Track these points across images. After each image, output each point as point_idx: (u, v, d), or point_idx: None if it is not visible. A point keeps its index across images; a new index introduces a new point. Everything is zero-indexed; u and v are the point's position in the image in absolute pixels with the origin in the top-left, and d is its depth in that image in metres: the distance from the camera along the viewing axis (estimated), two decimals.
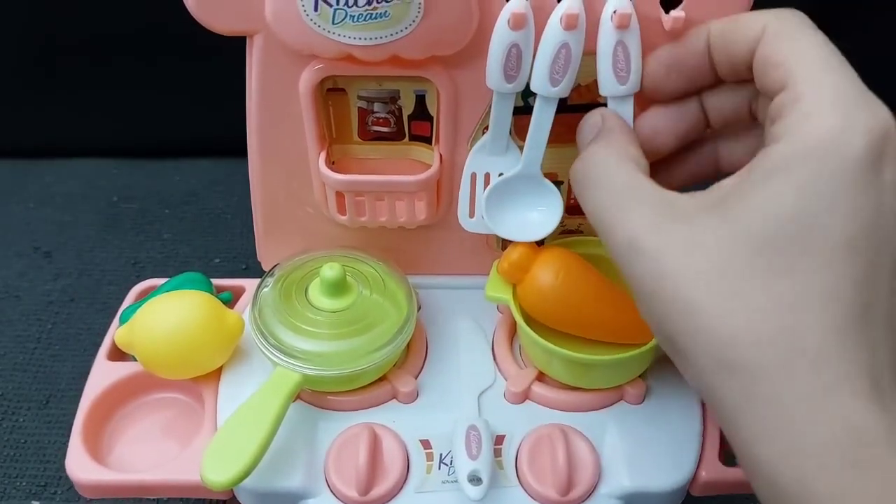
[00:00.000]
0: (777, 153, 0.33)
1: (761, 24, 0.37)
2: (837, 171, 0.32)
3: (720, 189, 0.36)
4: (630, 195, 0.37)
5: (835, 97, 0.33)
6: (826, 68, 0.34)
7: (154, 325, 0.48)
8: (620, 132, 0.42)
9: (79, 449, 0.48)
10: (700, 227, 0.34)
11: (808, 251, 0.32)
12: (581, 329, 0.49)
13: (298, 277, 0.51)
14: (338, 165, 0.52)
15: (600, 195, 0.38)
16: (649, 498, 0.47)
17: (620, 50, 0.44)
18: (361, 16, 0.43)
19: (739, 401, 0.32)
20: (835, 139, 0.32)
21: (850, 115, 0.33)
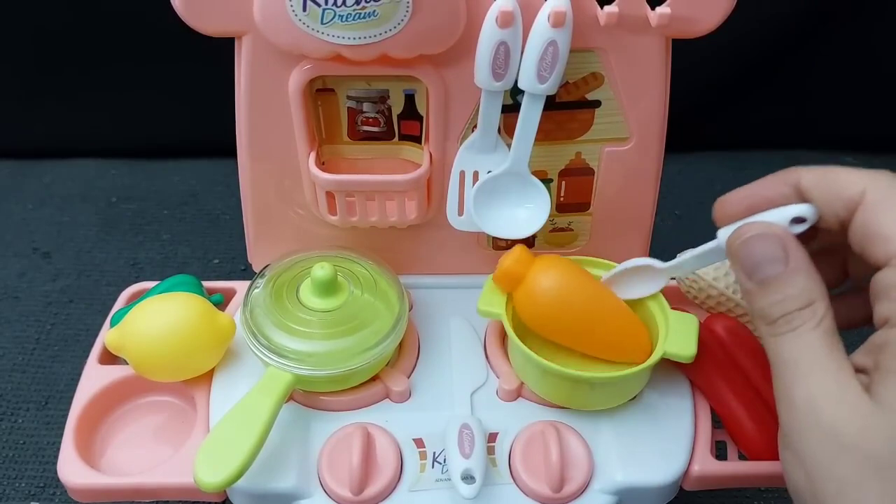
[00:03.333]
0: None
1: (860, 186, 0.37)
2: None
3: (863, 376, 0.36)
4: (839, 391, 0.35)
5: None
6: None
7: (145, 328, 0.48)
8: (824, 300, 0.37)
9: (71, 453, 0.48)
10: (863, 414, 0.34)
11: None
12: (576, 340, 0.49)
13: (289, 278, 0.51)
14: (328, 166, 0.52)
15: (812, 386, 0.35)
16: (642, 493, 0.47)
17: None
18: (350, 15, 0.43)
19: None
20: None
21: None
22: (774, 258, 0.37)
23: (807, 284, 0.37)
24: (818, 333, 0.36)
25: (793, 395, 0.35)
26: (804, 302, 0.36)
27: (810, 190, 0.39)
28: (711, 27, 0.46)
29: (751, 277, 0.38)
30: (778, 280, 0.37)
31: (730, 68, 0.89)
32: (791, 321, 0.36)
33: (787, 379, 0.36)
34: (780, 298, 0.37)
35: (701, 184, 0.92)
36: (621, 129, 0.51)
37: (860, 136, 0.95)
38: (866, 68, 0.89)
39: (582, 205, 0.55)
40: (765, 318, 0.37)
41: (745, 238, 0.39)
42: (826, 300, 0.36)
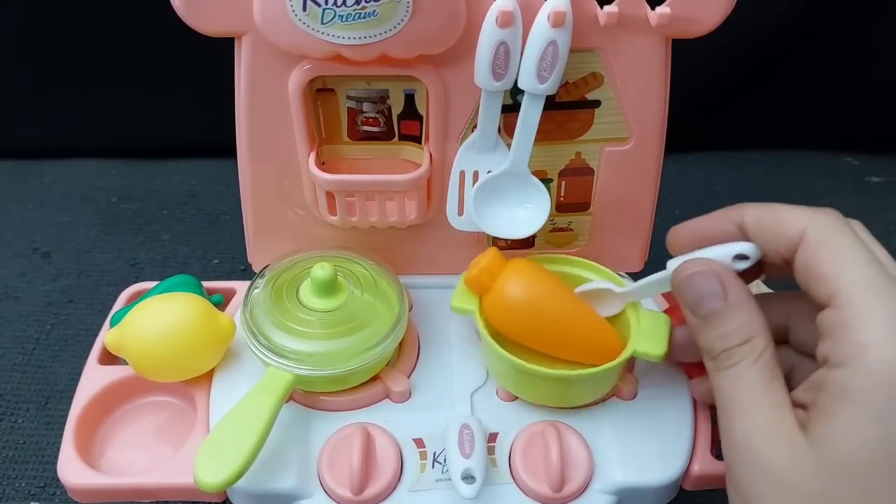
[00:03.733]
0: (842, 383, 0.34)
1: (801, 226, 0.38)
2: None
3: (801, 411, 0.37)
4: (774, 427, 0.36)
5: (888, 326, 0.34)
6: (875, 290, 0.35)
7: (145, 328, 0.48)
8: (764, 335, 0.38)
9: (70, 453, 0.48)
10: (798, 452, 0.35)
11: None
12: (546, 344, 0.49)
13: (289, 278, 0.51)
14: (328, 166, 0.52)
15: (749, 422, 0.37)
16: (642, 493, 0.47)
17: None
18: (350, 15, 0.43)
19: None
20: None
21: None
22: (713, 294, 0.39)
23: (746, 320, 0.38)
24: (756, 369, 0.37)
25: (732, 430, 0.37)
26: (743, 337, 0.38)
27: (752, 229, 0.40)
28: (711, 27, 0.46)
29: (694, 313, 0.40)
30: (718, 315, 0.39)
31: (730, 68, 0.89)
32: (731, 356, 0.38)
33: (726, 414, 0.38)
34: (720, 333, 0.38)
35: (701, 184, 0.92)
36: (621, 129, 0.51)
37: (860, 136, 0.95)
38: (866, 68, 0.89)
39: (582, 205, 0.55)
40: (708, 352, 0.39)
41: (686, 274, 0.40)
42: (766, 335, 0.38)
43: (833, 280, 0.36)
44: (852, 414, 0.34)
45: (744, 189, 0.92)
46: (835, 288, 0.36)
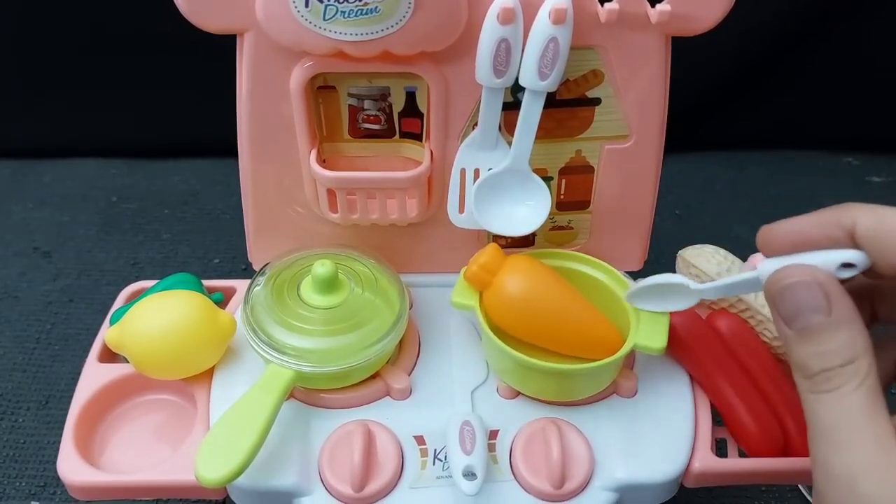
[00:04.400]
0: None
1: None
2: None
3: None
4: (880, 465, 0.33)
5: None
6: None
7: (145, 326, 0.48)
8: (868, 356, 0.34)
9: (70, 451, 0.48)
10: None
11: None
12: (545, 339, 0.49)
13: (290, 275, 0.51)
14: (329, 163, 0.52)
15: (851, 457, 0.33)
16: (643, 490, 0.47)
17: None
18: (352, 11, 0.44)
19: None
20: None
21: None
22: (817, 307, 0.35)
23: (850, 338, 0.34)
24: (860, 395, 0.33)
25: (830, 462, 0.33)
26: (846, 358, 0.34)
27: (865, 239, 0.35)
28: (711, 25, 0.47)
29: (790, 325, 0.35)
30: (819, 331, 0.34)
31: (730, 68, 0.89)
32: (831, 379, 0.34)
33: (824, 444, 0.34)
34: (820, 351, 0.34)
35: (701, 184, 0.92)
36: (621, 127, 0.51)
37: (860, 136, 0.95)
38: (866, 68, 0.90)
39: (582, 203, 0.55)
40: (803, 370, 0.35)
41: (786, 283, 0.36)
42: (870, 356, 0.34)
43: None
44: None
45: (744, 189, 0.92)
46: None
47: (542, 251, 0.53)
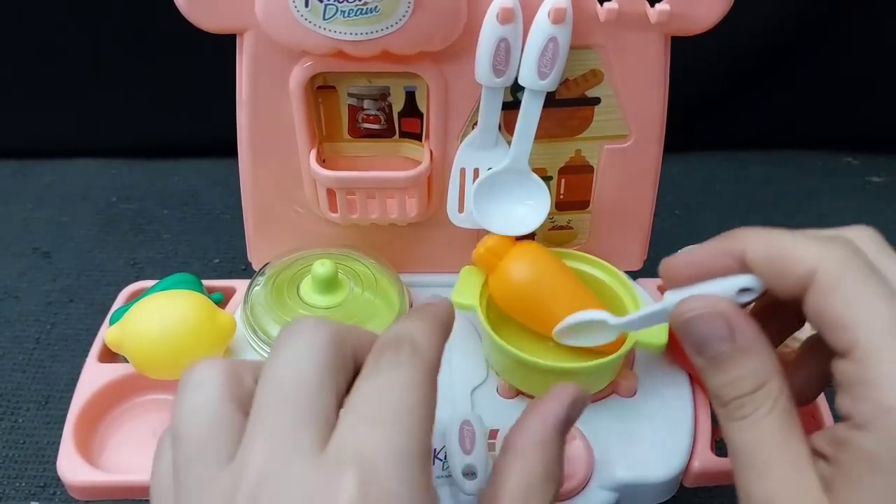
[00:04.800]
0: (867, 450, 0.31)
1: (809, 265, 0.33)
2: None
3: (823, 464, 0.33)
4: (796, 491, 0.33)
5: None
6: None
7: (145, 325, 0.48)
8: (778, 378, 0.35)
9: (70, 451, 0.48)
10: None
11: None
12: (548, 325, 0.49)
13: (290, 275, 0.51)
14: (328, 163, 0.53)
15: (768, 482, 0.34)
16: (643, 489, 0.47)
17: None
18: (352, 11, 0.44)
19: None
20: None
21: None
22: (720, 337, 0.35)
23: (758, 363, 0.35)
24: (772, 419, 0.34)
25: (747, 488, 0.34)
26: (756, 384, 0.34)
27: (756, 266, 0.36)
28: (710, 24, 0.47)
29: (699, 354, 0.36)
30: (726, 359, 0.35)
31: (730, 68, 0.89)
32: (744, 406, 0.34)
33: (743, 471, 0.34)
34: (729, 379, 0.35)
35: (701, 184, 0.92)
36: (621, 127, 0.51)
37: (860, 136, 0.95)
38: (867, 68, 0.90)
39: (581, 202, 0.55)
40: (718, 399, 0.36)
41: (688, 316, 0.37)
42: (779, 377, 0.35)
43: (850, 329, 0.32)
44: (880, 485, 0.31)
45: (744, 189, 0.92)
46: (852, 339, 0.32)
47: (551, 250, 0.53)
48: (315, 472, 0.29)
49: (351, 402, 0.32)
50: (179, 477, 0.31)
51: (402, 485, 0.29)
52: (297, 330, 0.33)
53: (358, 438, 0.30)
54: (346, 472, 0.29)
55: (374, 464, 0.29)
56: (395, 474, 0.29)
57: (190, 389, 0.33)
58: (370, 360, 0.33)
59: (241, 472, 0.29)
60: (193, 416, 0.32)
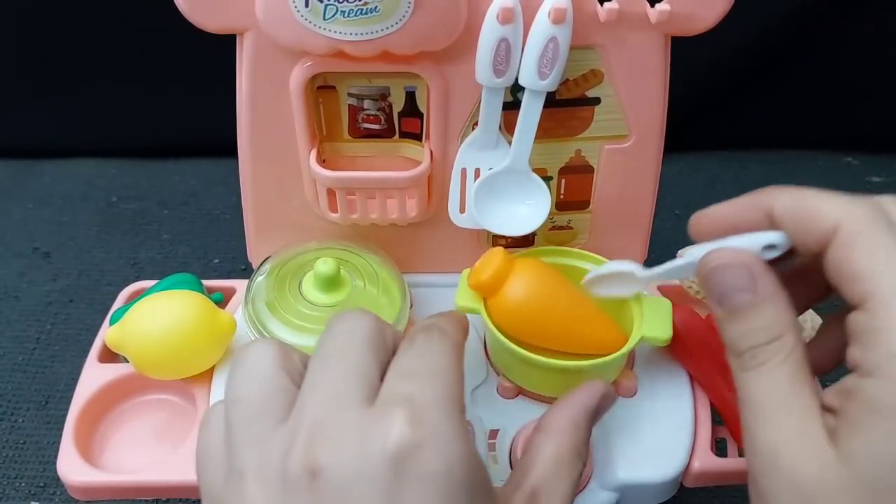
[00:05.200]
0: (872, 395, 0.32)
1: (834, 218, 0.34)
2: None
3: (830, 417, 0.34)
4: (802, 437, 0.34)
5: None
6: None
7: (145, 325, 0.48)
8: (794, 332, 0.35)
9: (70, 451, 0.48)
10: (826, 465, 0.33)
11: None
12: (551, 341, 0.49)
13: (292, 270, 0.51)
14: (328, 163, 0.52)
15: (774, 430, 0.34)
16: (643, 489, 0.47)
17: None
18: (352, 11, 0.44)
19: None
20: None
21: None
22: (742, 287, 0.36)
23: (775, 316, 0.35)
24: (785, 369, 0.35)
25: (756, 435, 0.35)
26: (772, 335, 0.35)
27: (782, 219, 0.37)
28: (710, 24, 0.47)
29: (720, 305, 0.37)
30: (745, 309, 0.36)
31: (730, 68, 0.89)
32: (757, 355, 0.35)
33: (751, 418, 0.35)
34: (747, 329, 0.36)
35: (701, 184, 0.92)
36: (621, 127, 0.51)
37: (860, 136, 0.95)
38: (867, 68, 0.90)
39: (581, 202, 0.55)
40: (733, 349, 0.36)
41: (712, 266, 0.38)
42: (795, 332, 0.35)
43: (866, 281, 0.33)
44: (882, 429, 0.31)
45: (744, 189, 0.91)
46: (867, 290, 0.33)
47: (544, 248, 0.53)
48: (366, 415, 0.32)
49: (392, 368, 0.35)
50: (236, 437, 0.34)
51: (446, 422, 0.32)
52: (345, 316, 0.37)
53: (403, 387, 0.34)
54: (394, 411, 0.32)
55: (420, 403, 0.32)
56: (438, 413, 0.32)
57: (248, 359, 0.36)
58: (404, 342, 0.37)
59: (296, 425, 0.32)
60: (252, 380, 0.35)
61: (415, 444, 0.31)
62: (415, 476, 0.31)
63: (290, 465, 0.31)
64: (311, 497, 0.31)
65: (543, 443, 0.39)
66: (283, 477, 0.31)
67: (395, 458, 0.31)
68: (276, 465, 0.32)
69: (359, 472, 0.31)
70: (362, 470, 0.31)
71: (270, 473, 0.32)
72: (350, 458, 0.31)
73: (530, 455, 0.39)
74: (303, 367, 0.36)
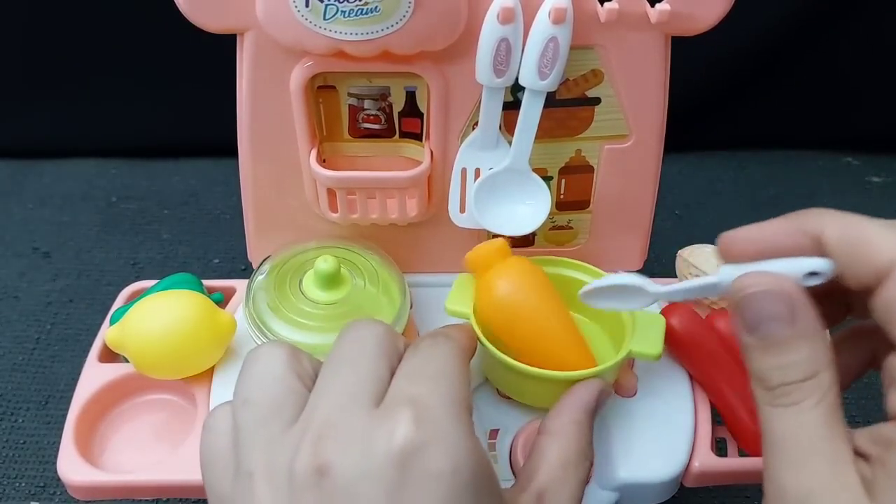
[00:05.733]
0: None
1: (890, 256, 0.32)
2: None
3: (864, 464, 0.32)
4: (837, 486, 0.32)
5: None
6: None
7: (146, 325, 0.48)
8: (830, 371, 0.33)
9: (70, 451, 0.48)
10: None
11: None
12: (520, 346, 0.46)
13: (292, 268, 0.51)
14: (328, 163, 0.53)
15: (805, 476, 0.32)
16: (643, 489, 0.47)
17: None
18: (352, 11, 0.44)
19: None
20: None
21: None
22: (780, 318, 0.34)
23: (813, 352, 0.33)
24: (819, 411, 0.32)
25: (784, 481, 0.33)
26: (808, 372, 0.33)
27: (833, 249, 0.34)
28: (710, 24, 0.47)
29: (751, 332, 0.34)
30: (781, 343, 0.34)
31: (730, 68, 0.89)
32: (791, 393, 0.33)
33: (778, 459, 0.33)
34: (781, 363, 0.33)
35: (701, 184, 0.92)
36: (621, 127, 0.51)
37: (860, 136, 0.95)
38: (867, 68, 0.90)
39: (582, 202, 0.55)
40: (762, 381, 0.34)
41: (751, 291, 0.35)
42: (832, 370, 0.33)
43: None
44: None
45: (744, 189, 0.92)
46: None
47: (541, 258, 0.51)
48: (373, 416, 0.33)
49: (398, 372, 0.36)
50: (245, 438, 0.34)
51: (451, 422, 0.33)
52: (357, 324, 0.38)
53: (408, 389, 0.34)
54: (400, 410, 0.32)
55: (425, 403, 0.33)
56: (444, 413, 0.33)
57: (260, 361, 0.37)
58: (410, 348, 0.38)
59: (305, 427, 0.33)
60: (263, 382, 0.36)
61: (420, 443, 0.31)
62: (420, 475, 0.31)
63: (298, 465, 0.32)
64: (318, 495, 0.31)
65: (548, 445, 0.40)
66: (291, 476, 0.32)
67: (401, 456, 0.31)
68: (285, 465, 0.32)
69: (365, 470, 0.31)
70: (368, 468, 0.31)
71: (279, 473, 0.32)
72: (356, 457, 0.31)
73: (535, 458, 0.40)
74: (313, 371, 0.37)
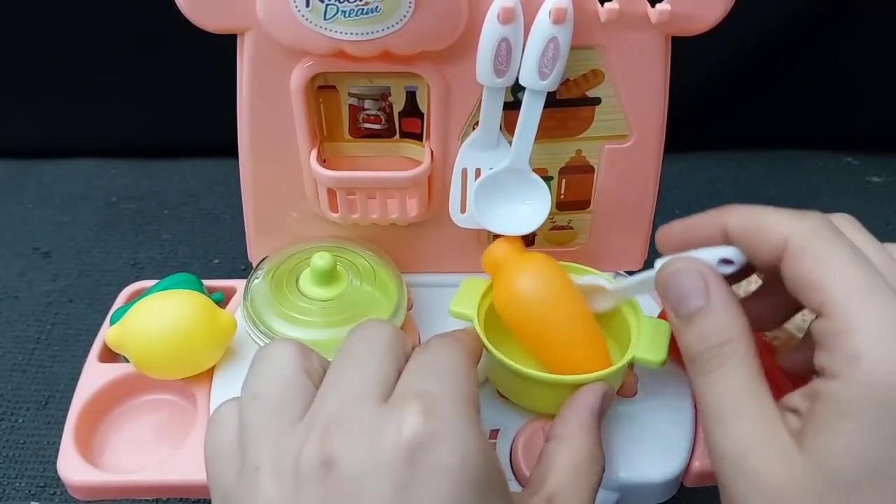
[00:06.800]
0: (837, 397, 0.33)
1: (783, 233, 0.36)
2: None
3: (794, 418, 0.35)
4: (765, 438, 0.35)
5: (883, 333, 0.32)
6: (863, 295, 0.33)
7: (146, 325, 0.48)
8: (746, 338, 0.37)
9: (70, 450, 0.48)
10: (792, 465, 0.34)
11: (886, 495, 0.32)
12: (535, 343, 0.47)
13: (290, 267, 0.51)
14: (329, 163, 0.53)
15: (736, 434, 0.35)
16: (643, 489, 0.47)
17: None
18: (353, 11, 0.44)
19: None
20: (892, 385, 0.32)
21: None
22: (696, 292, 0.38)
23: (727, 320, 0.37)
24: (741, 373, 0.36)
25: (718, 442, 0.36)
26: (724, 338, 0.37)
27: (735, 235, 0.39)
28: (711, 24, 0.47)
29: (676, 312, 0.39)
30: (699, 314, 0.38)
31: (730, 68, 0.89)
32: (711, 359, 0.37)
33: (712, 423, 0.36)
34: (700, 332, 0.37)
35: (701, 184, 0.92)
36: (621, 127, 0.51)
37: (860, 136, 0.95)
38: (867, 68, 0.90)
39: (582, 202, 0.55)
40: (688, 354, 0.38)
41: (669, 271, 0.40)
42: (748, 338, 0.37)
43: (821, 289, 0.34)
44: (846, 427, 0.32)
45: (744, 189, 0.92)
46: (823, 297, 0.34)
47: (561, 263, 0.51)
48: (381, 409, 0.33)
49: (406, 369, 0.37)
50: (252, 433, 0.35)
51: (459, 417, 0.34)
52: (365, 325, 0.39)
53: (417, 384, 0.35)
54: (408, 404, 0.33)
55: (434, 398, 0.34)
56: (452, 408, 0.34)
57: (270, 358, 0.37)
58: (418, 347, 0.39)
59: (312, 421, 0.33)
60: (273, 378, 0.36)
61: (428, 437, 0.32)
62: (428, 468, 0.31)
63: (305, 458, 0.32)
64: (324, 489, 0.31)
65: (557, 450, 0.40)
66: (297, 470, 0.32)
67: (409, 449, 0.31)
68: (291, 459, 0.32)
69: (372, 463, 0.31)
70: (376, 461, 0.31)
71: (285, 467, 0.32)
72: (364, 450, 0.32)
73: (545, 463, 0.40)
74: (322, 369, 0.37)
